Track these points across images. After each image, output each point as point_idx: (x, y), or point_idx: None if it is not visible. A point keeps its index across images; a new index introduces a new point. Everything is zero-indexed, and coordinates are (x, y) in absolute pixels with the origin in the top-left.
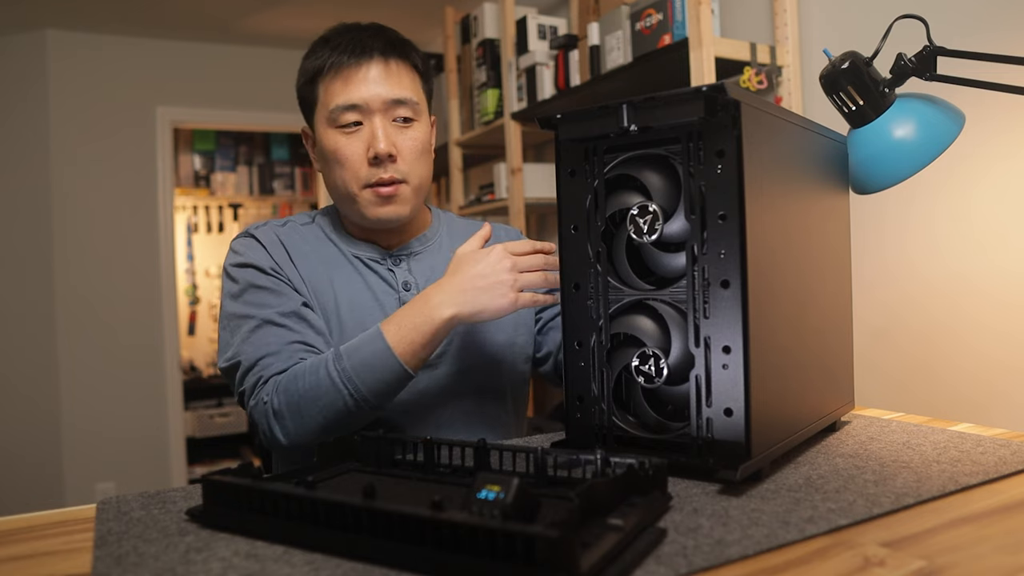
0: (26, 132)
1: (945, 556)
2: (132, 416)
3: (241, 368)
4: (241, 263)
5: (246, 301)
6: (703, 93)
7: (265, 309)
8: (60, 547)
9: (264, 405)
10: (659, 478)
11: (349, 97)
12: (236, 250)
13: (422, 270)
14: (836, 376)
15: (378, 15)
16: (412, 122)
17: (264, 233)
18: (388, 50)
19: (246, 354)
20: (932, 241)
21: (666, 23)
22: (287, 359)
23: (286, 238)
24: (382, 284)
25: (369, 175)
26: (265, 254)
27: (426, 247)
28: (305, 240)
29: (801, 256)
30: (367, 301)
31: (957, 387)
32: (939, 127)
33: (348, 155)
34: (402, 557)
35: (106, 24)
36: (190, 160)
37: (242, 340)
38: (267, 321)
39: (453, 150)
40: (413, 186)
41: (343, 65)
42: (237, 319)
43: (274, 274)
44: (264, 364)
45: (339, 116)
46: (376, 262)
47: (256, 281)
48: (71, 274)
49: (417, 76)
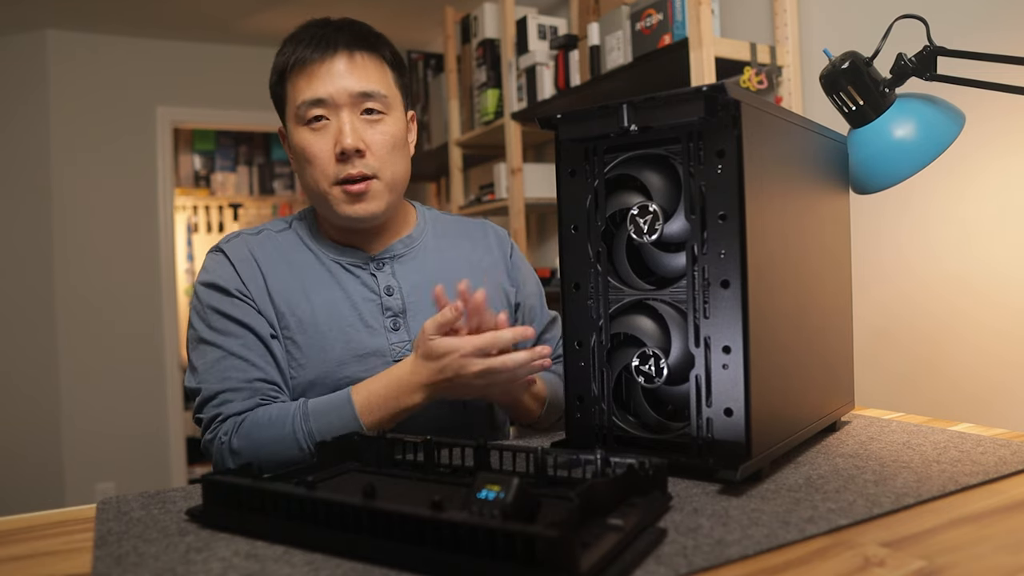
0: (26, 132)
1: (945, 556)
2: (132, 416)
3: (201, 396)
4: (209, 282)
5: (212, 327)
6: (703, 93)
7: (229, 339)
8: (60, 547)
9: (222, 445)
10: (659, 478)
11: (314, 92)
12: (206, 267)
13: (406, 273)
14: (836, 376)
15: (378, 15)
16: (382, 115)
17: (235, 248)
18: (354, 43)
19: (207, 384)
20: (932, 241)
21: (666, 23)
22: (246, 399)
23: (259, 250)
24: (362, 289)
25: (337, 171)
26: (233, 273)
27: (411, 249)
28: (279, 250)
29: (801, 256)
30: (345, 308)
31: (957, 386)
32: (939, 127)
33: (316, 152)
34: (402, 557)
35: (106, 24)
36: (190, 160)
37: (206, 368)
38: (230, 353)
39: (453, 150)
40: (386, 182)
41: (307, 60)
42: (202, 344)
43: (240, 297)
44: (223, 399)
45: (305, 112)
46: (357, 267)
47: (222, 307)
48: (71, 274)
49: (388, 69)
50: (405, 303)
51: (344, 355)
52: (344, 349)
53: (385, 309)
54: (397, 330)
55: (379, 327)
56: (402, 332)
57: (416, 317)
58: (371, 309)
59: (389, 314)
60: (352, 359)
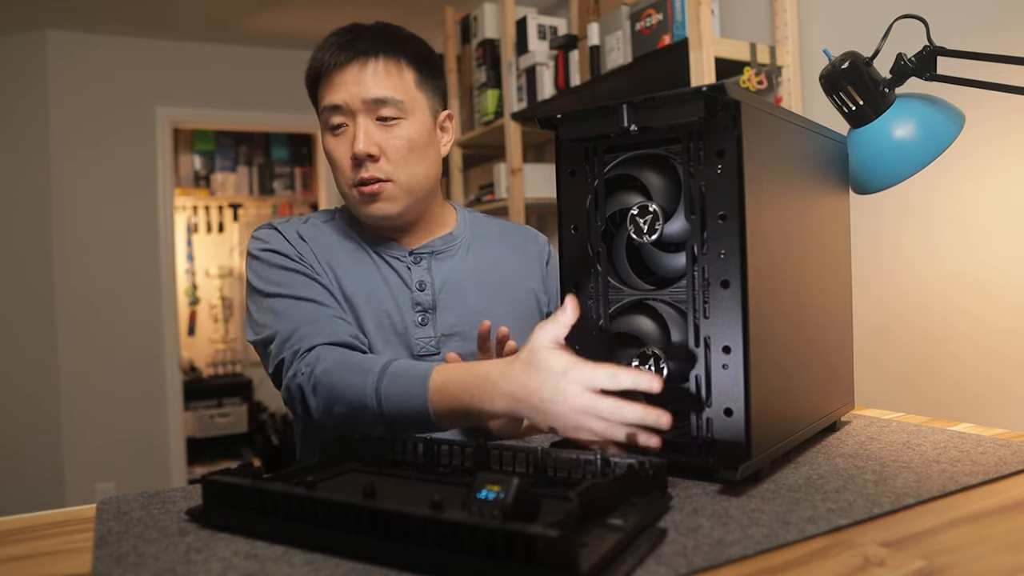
0: (26, 132)
1: (945, 556)
2: (132, 416)
3: (277, 339)
4: (268, 248)
5: (276, 282)
6: (703, 93)
7: (298, 288)
8: (60, 547)
9: (302, 376)
10: (659, 478)
11: (332, 99)
12: (260, 238)
13: (441, 271)
14: (836, 376)
15: (378, 15)
16: (398, 120)
17: (285, 226)
18: (372, 49)
19: (282, 325)
20: (932, 240)
21: (666, 23)
22: (328, 330)
23: (307, 233)
24: (398, 281)
25: (353, 176)
26: (289, 245)
27: (450, 247)
28: (325, 233)
29: (801, 256)
30: (382, 293)
31: (958, 386)
32: (939, 127)
33: (337, 156)
34: (402, 557)
35: (106, 24)
36: (190, 160)
37: (276, 314)
38: (300, 298)
39: (453, 150)
40: (401, 185)
41: (328, 67)
42: (267, 297)
43: (299, 261)
44: (303, 334)
45: (328, 118)
46: (395, 259)
47: (285, 264)
48: (71, 274)
49: (408, 72)
50: (435, 299)
51: (376, 338)
52: (377, 332)
53: (415, 304)
54: (424, 325)
55: (409, 319)
56: (428, 328)
57: (444, 314)
58: (405, 300)
59: (419, 308)
60: (382, 343)
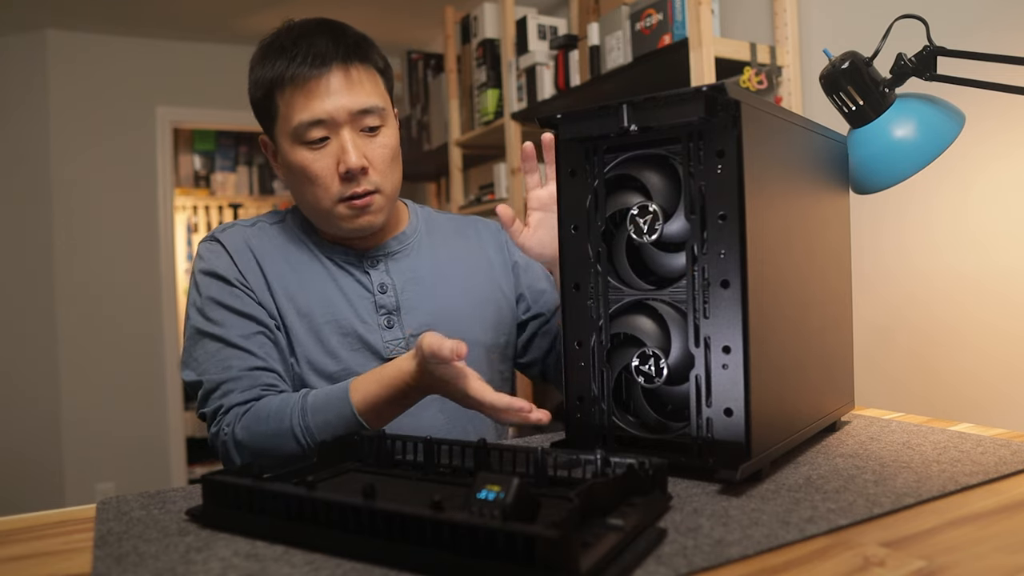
0: (26, 132)
1: (945, 556)
2: (132, 416)
3: (203, 389)
4: (208, 271)
5: (211, 318)
6: (703, 93)
7: (228, 329)
8: (60, 547)
9: (225, 436)
10: (659, 478)
11: (313, 112)
12: (202, 256)
13: (400, 271)
14: (836, 376)
15: (378, 15)
16: (380, 128)
17: (231, 237)
18: (347, 55)
19: (208, 376)
20: (932, 240)
21: (666, 23)
22: (248, 388)
23: (255, 241)
24: (356, 287)
25: (343, 190)
26: (230, 263)
27: (405, 246)
28: (274, 241)
29: (801, 256)
30: (340, 303)
31: (958, 386)
32: (939, 127)
33: (318, 171)
34: (402, 557)
35: (106, 24)
36: (190, 160)
37: (206, 359)
38: (230, 343)
39: (453, 150)
40: (387, 195)
41: (302, 77)
42: (201, 336)
43: (239, 286)
44: (226, 390)
45: (304, 132)
46: (350, 264)
47: (221, 297)
48: (71, 274)
49: (379, 77)
50: (399, 300)
51: (339, 348)
52: (340, 342)
53: (379, 307)
54: (391, 327)
55: (373, 324)
56: (396, 330)
57: (412, 313)
58: (365, 306)
59: (383, 312)
60: (347, 352)
